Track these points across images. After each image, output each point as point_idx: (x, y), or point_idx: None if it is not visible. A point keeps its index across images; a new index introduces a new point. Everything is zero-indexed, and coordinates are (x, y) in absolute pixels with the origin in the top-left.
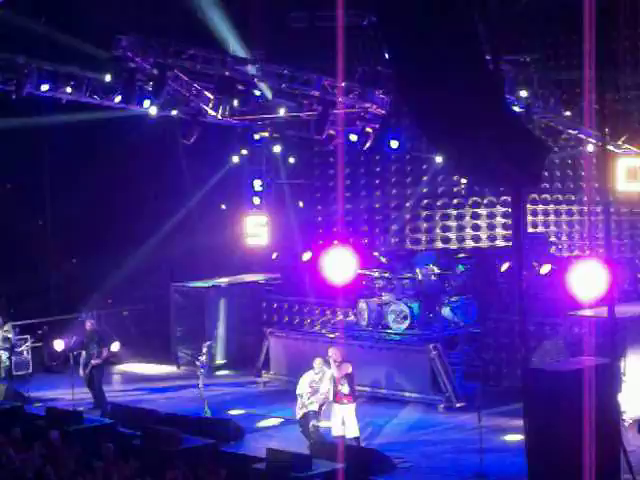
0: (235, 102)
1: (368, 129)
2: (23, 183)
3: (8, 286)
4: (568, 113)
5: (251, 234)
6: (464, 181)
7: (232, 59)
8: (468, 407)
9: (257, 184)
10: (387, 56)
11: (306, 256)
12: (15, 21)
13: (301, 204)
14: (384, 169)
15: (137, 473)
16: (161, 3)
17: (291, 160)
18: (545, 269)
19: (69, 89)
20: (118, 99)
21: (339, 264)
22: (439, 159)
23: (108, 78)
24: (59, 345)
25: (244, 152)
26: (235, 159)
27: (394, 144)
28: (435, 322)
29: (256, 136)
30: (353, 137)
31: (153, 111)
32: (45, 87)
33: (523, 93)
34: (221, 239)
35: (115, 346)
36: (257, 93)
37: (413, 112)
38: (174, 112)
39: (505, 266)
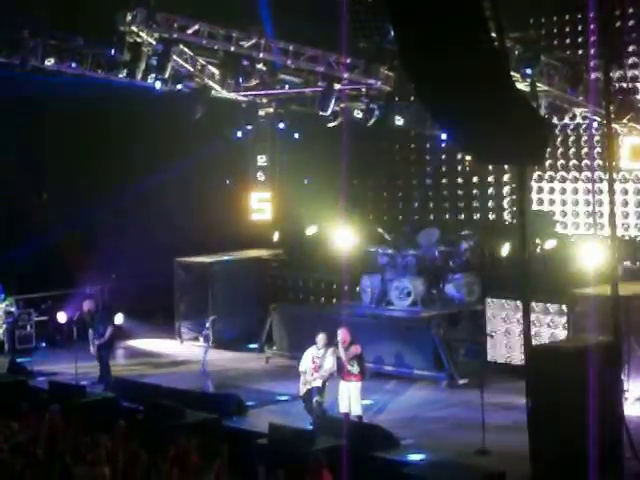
0: (240, 77)
1: (373, 105)
2: (26, 156)
3: (12, 260)
4: (573, 91)
5: (255, 209)
6: (469, 158)
7: (237, 34)
8: (471, 384)
9: (261, 160)
10: (392, 33)
11: (310, 232)
12: None
13: (305, 181)
14: (389, 146)
15: (140, 447)
16: None
17: (296, 136)
18: (549, 246)
19: (74, 64)
20: (123, 74)
21: (343, 240)
22: (444, 136)
23: (113, 53)
24: (62, 317)
25: (249, 128)
26: (240, 134)
27: (399, 120)
28: (438, 299)
29: (261, 112)
30: (358, 113)
31: (158, 86)
32: (50, 61)
33: (528, 70)
34: (225, 214)
35: (119, 318)
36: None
37: (417, 89)
38: (179, 87)
39: (506, 248)
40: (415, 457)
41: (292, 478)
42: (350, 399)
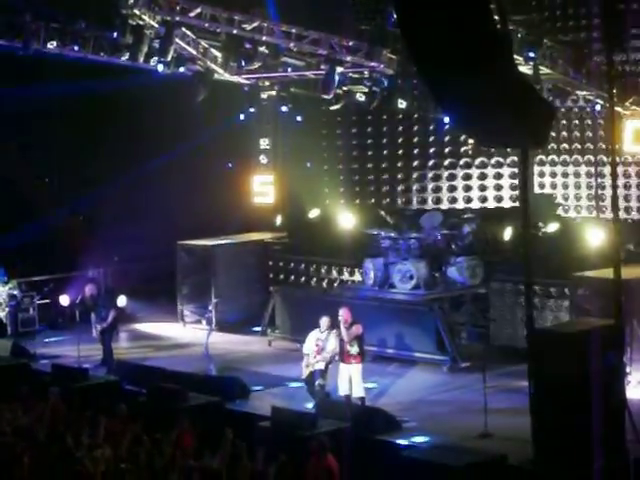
0: (242, 60)
1: (375, 89)
2: (29, 141)
3: (14, 243)
4: (576, 74)
5: (258, 192)
6: (471, 141)
7: (239, 17)
8: (473, 367)
9: (264, 143)
10: (394, 15)
11: (313, 215)
12: None
13: (308, 164)
14: (391, 129)
15: (143, 430)
16: None
17: (298, 119)
18: (551, 229)
19: (76, 47)
20: (125, 57)
21: (345, 223)
22: (446, 119)
23: (115, 36)
24: (64, 300)
25: (251, 110)
26: (242, 117)
27: (401, 104)
28: (441, 282)
29: (263, 95)
30: (360, 96)
31: (160, 69)
32: (52, 45)
33: (531, 54)
34: (228, 197)
35: (121, 300)
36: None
37: (419, 72)
38: (181, 70)
39: (508, 231)
40: (417, 440)
41: (295, 462)
42: (351, 381)
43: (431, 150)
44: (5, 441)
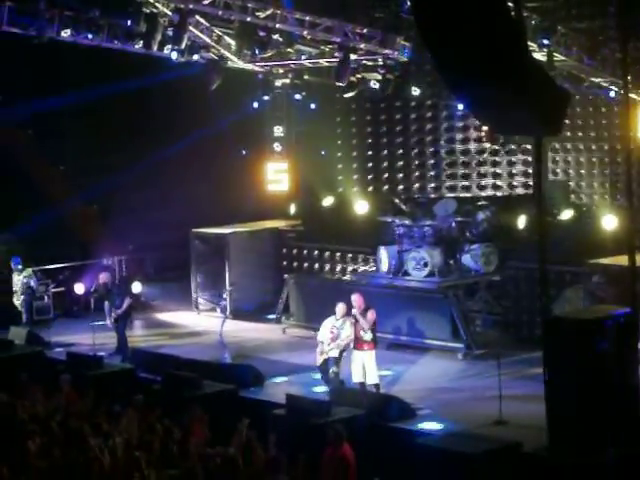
0: (256, 48)
1: (389, 76)
2: (44, 128)
3: (29, 231)
4: (590, 61)
5: (272, 180)
6: (485, 129)
7: (253, 5)
8: (487, 354)
9: (278, 130)
10: (408, 2)
11: (327, 202)
12: None
13: (322, 152)
14: (405, 116)
15: (157, 418)
16: None
17: (312, 107)
18: (566, 217)
19: (90, 35)
20: (139, 45)
21: (359, 211)
22: (460, 106)
23: (129, 24)
24: (79, 289)
25: (265, 98)
26: (256, 105)
27: (415, 91)
28: (455, 269)
29: (277, 82)
30: (374, 84)
31: (174, 57)
32: (66, 33)
33: (545, 40)
34: (242, 185)
35: (136, 287)
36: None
37: (434, 59)
38: (195, 58)
39: (522, 219)
40: (431, 427)
41: (310, 454)
42: (365, 368)
43: (444, 137)
44: (23, 428)
